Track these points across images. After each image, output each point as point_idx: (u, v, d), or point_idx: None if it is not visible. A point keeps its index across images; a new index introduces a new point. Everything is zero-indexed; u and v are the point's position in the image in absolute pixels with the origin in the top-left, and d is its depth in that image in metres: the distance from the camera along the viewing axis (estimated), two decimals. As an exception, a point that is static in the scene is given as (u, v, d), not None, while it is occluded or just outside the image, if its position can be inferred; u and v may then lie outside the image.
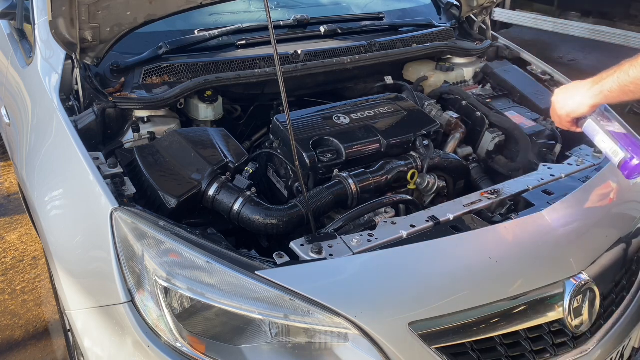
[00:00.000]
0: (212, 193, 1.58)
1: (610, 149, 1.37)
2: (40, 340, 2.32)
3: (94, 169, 1.49)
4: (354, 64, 2.16)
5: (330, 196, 1.63)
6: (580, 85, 1.39)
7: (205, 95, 1.92)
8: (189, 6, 1.81)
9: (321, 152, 1.75)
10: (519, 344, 1.42)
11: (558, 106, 1.45)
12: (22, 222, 3.07)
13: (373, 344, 1.26)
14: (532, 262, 1.48)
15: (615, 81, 1.28)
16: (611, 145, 1.37)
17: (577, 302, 1.46)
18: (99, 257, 1.41)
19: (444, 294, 1.36)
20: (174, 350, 1.27)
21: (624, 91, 1.28)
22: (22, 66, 2.15)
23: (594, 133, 1.40)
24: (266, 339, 1.31)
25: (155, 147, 1.68)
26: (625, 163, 1.34)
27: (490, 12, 2.62)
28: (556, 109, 1.46)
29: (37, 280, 2.64)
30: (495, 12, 5.74)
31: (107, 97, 1.75)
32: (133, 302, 1.31)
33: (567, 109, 1.42)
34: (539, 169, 1.84)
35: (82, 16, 1.63)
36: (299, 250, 1.39)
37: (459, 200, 1.64)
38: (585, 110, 1.39)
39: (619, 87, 1.28)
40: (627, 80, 1.26)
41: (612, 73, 1.29)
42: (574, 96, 1.39)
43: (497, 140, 2.07)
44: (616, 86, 1.28)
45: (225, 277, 1.29)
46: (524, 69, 2.48)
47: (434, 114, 2.13)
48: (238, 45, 2.10)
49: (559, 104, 1.44)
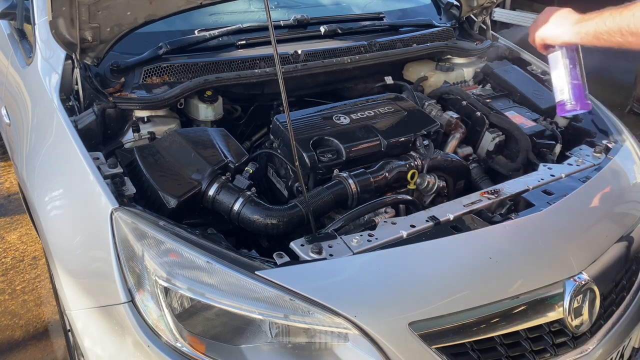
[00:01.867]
0: (212, 193, 1.58)
1: (560, 87, 1.49)
2: (40, 340, 2.32)
3: (94, 169, 1.49)
4: (354, 64, 2.16)
5: (330, 196, 1.63)
6: (566, 17, 1.41)
7: (205, 95, 1.92)
8: (189, 6, 1.81)
9: (321, 152, 1.75)
10: (519, 344, 1.42)
11: (539, 25, 1.47)
12: (22, 222, 3.07)
13: (373, 344, 1.26)
14: (532, 262, 1.48)
15: (593, 26, 1.31)
16: (563, 83, 1.48)
17: (577, 302, 1.46)
18: (99, 257, 1.41)
19: (444, 294, 1.36)
20: (174, 350, 1.27)
21: (597, 37, 1.31)
22: (22, 66, 2.15)
23: (554, 65, 1.50)
24: (266, 339, 1.31)
25: (155, 147, 1.68)
26: (563, 104, 1.49)
27: (490, 12, 2.62)
28: (536, 27, 1.48)
29: (37, 280, 2.64)
30: (495, 12, 5.74)
31: (107, 97, 1.75)
32: (133, 302, 1.31)
33: (545, 34, 1.45)
34: (539, 169, 1.84)
35: (82, 16, 1.63)
36: (299, 250, 1.39)
37: (459, 200, 1.64)
38: (558, 43, 1.45)
39: (594, 32, 1.31)
40: (603, 29, 1.28)
41: (593, 17, 1.32)
42: (557, 25, 1.42)
43: (497, 140, 2.07)
44: (592, 30, 1.31)
45: (225, 277, 1.29)
46: (524, 69, 2.48)
47: (434, 114, 2.13)
48: (238, 45, 2.10)
49: (541, 23, 1.46)
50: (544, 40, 1.47)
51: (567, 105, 1.49)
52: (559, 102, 1.50)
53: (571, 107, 1.48)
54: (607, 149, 1.95)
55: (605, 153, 1.93)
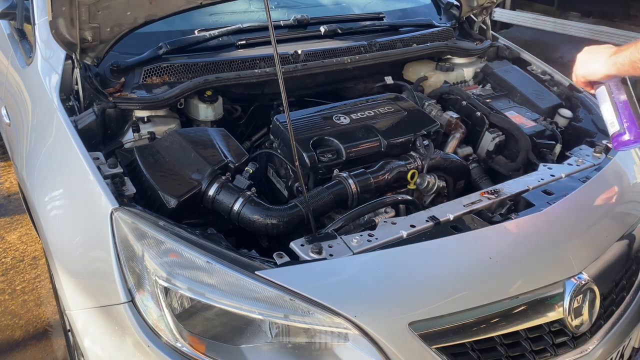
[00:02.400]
0: (212, 193, 1.58)
1: (610, 120, 1.44)
2: (40, 340, 2.32)
3: (94, 169, 1.49)
4: (354, 64, 2.16)
5: (330, 196, 1.63)
6: (602, 51, 1.41)
7: (205, 95, 1.92)
8: (189, 6, 1.81)
9: (321, 152, 1.75)
10: (519, 344, 1.42)
11: (579, 65, 1.47)
12: (22, 222, 3.07)
13: (373, 344, 1.26)
14: (532, 262, 1.48)
15: (628, 56, 1.31)
16: (612, 116, 1.43)
17: (577, 302, 1.46)
18: (99, 257, 1.41)
19: (444, 294, 1.36)
20: (174, 350, 1.27)
21: (633, 67, 1.31)
22: (22, 66, 2.15)
23: (602, 100, 1.46)
24: (266, 339, 1.31)
25: (155, 147, 1.68)
26: (618, 136, 1.42)
27: (490, 12, 2.62)
28: (577, 67, 1.48)
29: (37, 280, 2.64)
30: (495, 12, 5.74)
31: (107, 97, 1.75)
32: (133, 302, 1.31)
33: (585, 71, 1.45)
34: (539, 169, 1.84)
35: (82, 16, 1.63)
36: (299, 250, 1.39)
37: (459, 200, 1.64)
38: (599, 78, 1.43)
39: (630, 62, 1.31)
40: (636, 57, 1.28)
41: (628, 47, 1.32)
42: (594, 61, 1.42)
43: (497, 140, 2.07)
44: (627, 60, 1.32)
45: (225, 277, 1.29)
46: (524, 69, 2.48)
47: (434, 114, 2.13)
48: (238, 45, 2.10)
49: (581, 63, 1.47)
50: (586, 77, 1.46)
51: (623, 137, 1.42)
52: (612, 135, 1.44)
53: (627, 138, 1.41)
54: (607, 149, 1.95)
55: (605, 153, 1.93)
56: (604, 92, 1.45)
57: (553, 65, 2.54)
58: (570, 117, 2.19)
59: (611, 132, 1.44)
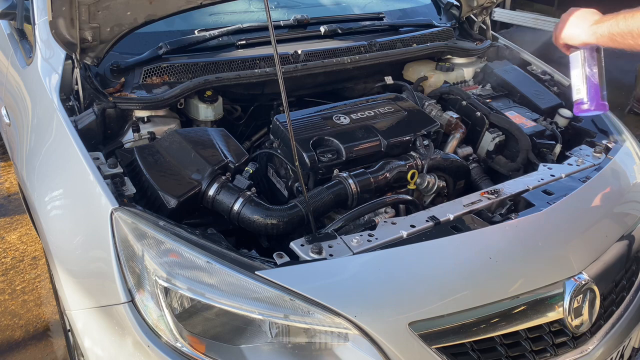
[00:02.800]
0: (212, 193, 1.58)
1: (577, 86, 1.52)
2: (40, 340, 2.33)
3: (94, 169, 1.49)
4: (353, 64, 2.16)
5: (330, 196, 1.63)
6: (586, 17, 1.42)
7: (205, 95, 1.92)
8: (189, 6, 1.80)
9: (321, 152, 1.75)
10: (519, 344, 1.42)
11: (561, 25, 1.49)
12: (22, 222, 3.07)
13: (373, 344, 1.26)
14: (532, 262, 1.48)
15: (607, 28, 1.33)
16: (580, 83, 1.51)
17: (577, 302, 1.46)
18: (99, 257, 1.41)
19: (444, 294, 1.36)
20: (174, 350, 1.27)
21: (611, 39, 1.33)
22: (22, 66, 2.15)
23: (574, 65, 1.53)
24: (266, 339, 1.31)
25: (155, 147, 1.68)
26: (580, 103, 1.52)
27: (490, 12, 2.62)
28: (558, 27, 1.50)
29: (37, 280, 2.64)
30: (495, 12, 5.74)
31: (107, 97, 1.75)
32: (133, 302, 1.31)
33: (565, 33, 1.47)
34: (539, 169, 1.84)
35: (82, 16, 1.63)
36: (299, 250, 1.39)
37: (459, 200, 1.64)
38: (577, 43, 1.46)
39: (608, 34, 1.33)
40: (616, 30, 1.30)
41: (609, 19, 1.33)
42: (575, 26, 1.44)
43: (497, 140, 2.07)
44: (607, 33, 1.33)
45: (225, 277, 1.29)
46: (524, 69, 2.48)
47: (434, 114, 2.13)
48: (238, 45, 2.10)
49: (563, 23, 1.48)
50: (564, 40, 1.48)
51: (583, 105, 1.50)
52: (575, 101, 1.52)
53: (586, 107, 1.50)
54: (607, 149, 1.96)
55: (605, 153, 1.93)
56: (577, 58, 1.51)
57: (553, 65, 2.54)
58: (570, 117, 2.19)
59: (575, 98, 1.52)
